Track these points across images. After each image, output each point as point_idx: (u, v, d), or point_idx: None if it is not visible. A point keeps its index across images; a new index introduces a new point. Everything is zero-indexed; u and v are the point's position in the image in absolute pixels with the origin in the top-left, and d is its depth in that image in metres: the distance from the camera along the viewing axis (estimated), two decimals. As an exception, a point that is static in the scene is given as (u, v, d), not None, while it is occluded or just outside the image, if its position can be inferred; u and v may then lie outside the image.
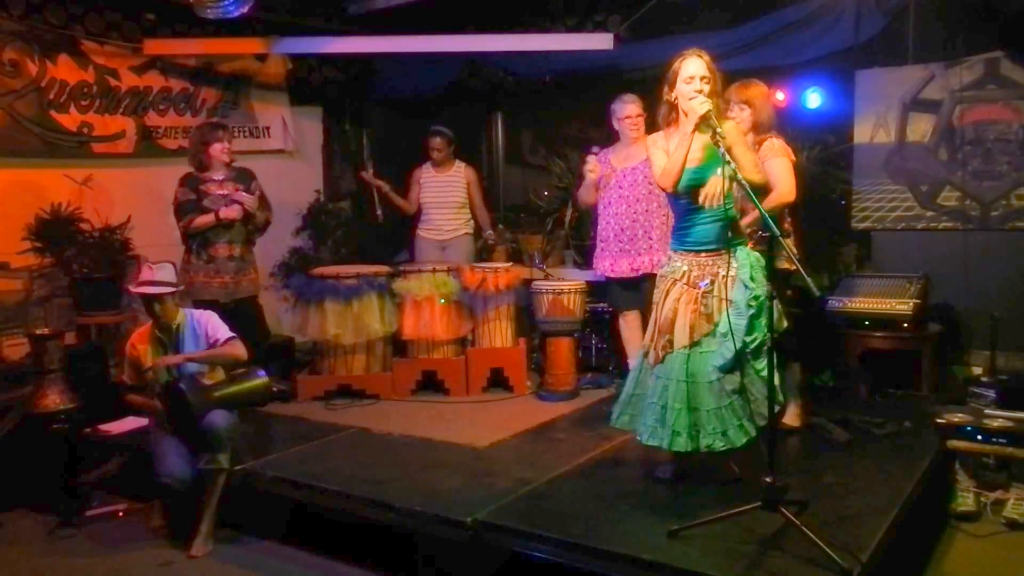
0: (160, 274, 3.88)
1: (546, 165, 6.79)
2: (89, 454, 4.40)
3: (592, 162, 4.92)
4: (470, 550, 3.20)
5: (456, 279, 5.24)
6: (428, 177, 6.05)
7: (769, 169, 3.73)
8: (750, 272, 3.24)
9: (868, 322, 4.83)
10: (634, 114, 4.87)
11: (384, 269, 5.34)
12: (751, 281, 3.22)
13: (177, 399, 3.75)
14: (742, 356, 3.22)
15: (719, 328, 3.25)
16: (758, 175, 3.34)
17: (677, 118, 3.38)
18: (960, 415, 3.93)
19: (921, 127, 5.22)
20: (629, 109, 4.89)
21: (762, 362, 3.11)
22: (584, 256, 5.91)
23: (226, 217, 4.92)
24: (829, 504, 3.23)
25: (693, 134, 3.24)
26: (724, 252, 3.29)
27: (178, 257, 4.94)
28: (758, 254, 3.31)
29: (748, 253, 3.32)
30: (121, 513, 4.17)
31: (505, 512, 3.27)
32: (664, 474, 3.56)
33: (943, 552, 3.52)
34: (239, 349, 3.95)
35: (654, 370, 3.39)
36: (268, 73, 6.76)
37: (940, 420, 3.93)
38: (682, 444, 3.26)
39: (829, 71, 5.31)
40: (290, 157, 6.99)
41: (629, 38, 5.88)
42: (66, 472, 4.25)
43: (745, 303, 3.21)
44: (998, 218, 5.01)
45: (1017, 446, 3.74)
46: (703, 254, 3.34)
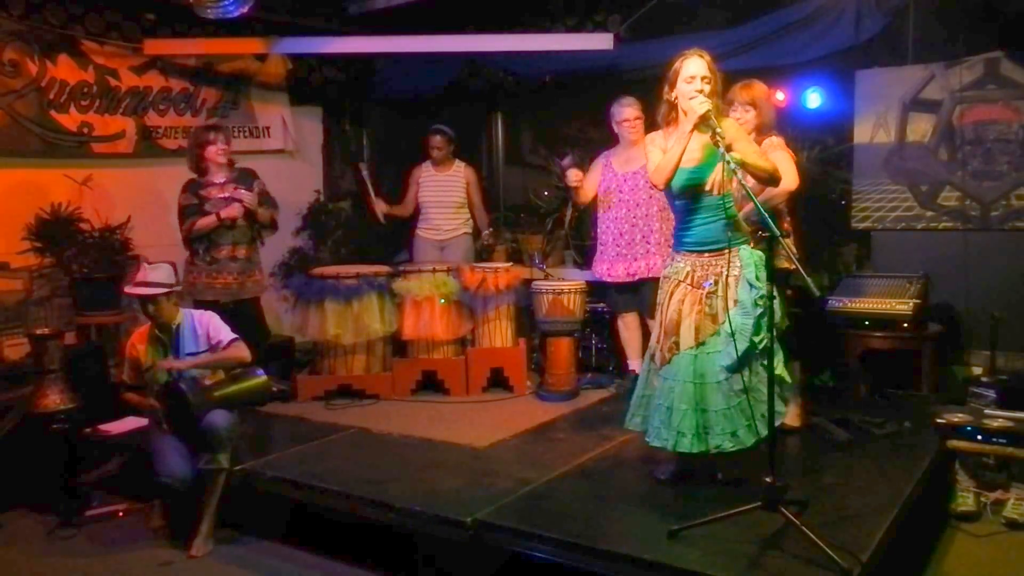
0: (154, 275, 3.86)
1: (546, 165, 6.77)
2: (89, 454, 4.40)
3: (572, 173, 4.95)
4: (470, 550, 3.20)
5: (456, 279, 5.23)
6: (427, 176, 6.05)
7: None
8: (755, 271, 3.23)
9: (868, 322, 4.82)
10: (632, 117, 4.88)
11: (384, 269, 5.33)
12: (756, 280, 3.21)
13: (177, 399, 3.75)
14: (750, 356, 3.21)
15: (724, 328, 3.23)
16: (765, 161, 3.34)
17: (677, 117, 3.37)
18: (960, 415, 3.93)
19: (921, 127, 5.22)
20: (627, 112, 4.90)
21: (773, 360, 3.10)
22: (584, 256, 5.91)
23: (227, 217, 4.92)
24: (829, 504, 3.23)
25: (691, 133, 3.23)
26: (726, 252, 3.28)
27: (179, 257, 4.95)
28: (761, 253, 3.30)
29: (751, 252, 3.31)
30: (121, 513, 4.17)
31: (505, 512, 3.27)
32: (664, 474, 3.56)
33: (943, 552, 3.52)
34: (243, 351, 3.95)
35: (660, 372, 3.38)
36: (268, 73, 6.76)
37: (940, 420, 3.92)
38: (687, 445, 3.25)
39: (829, 71, 5.31)
40: (290, 157, 6.98)
41: (629, 38, 5.87)
42: (66, 472, 4.25)
43: (752, 302, 3.19)
44: (998, 218, 5.01)
45: (1017, 446, 3.74)
46: (706, 254, 3.34)
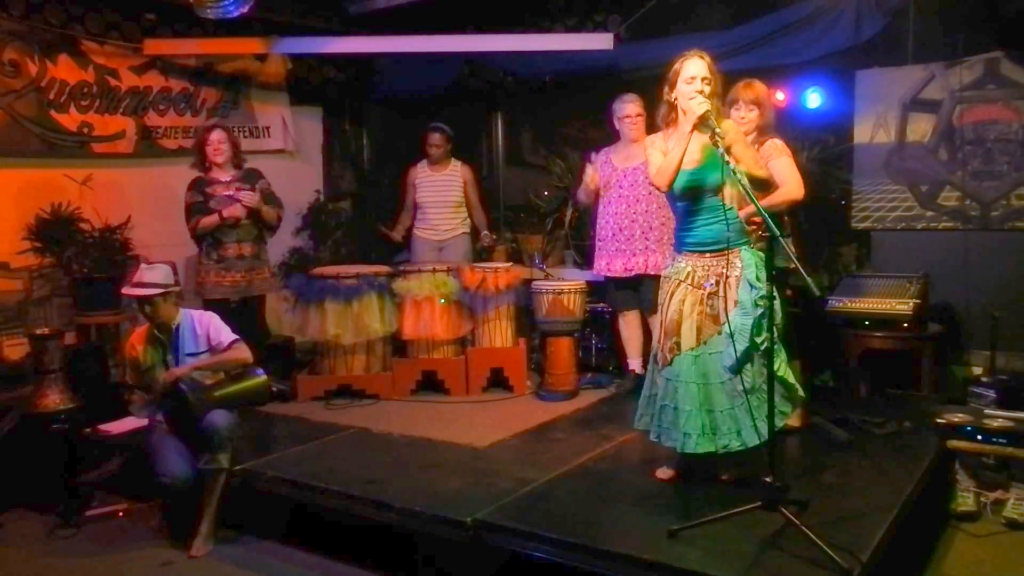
0: (150, 275, 3.83)
1: (546, 165, 6.78)
2: (89, 454, 4.40)
3: (591, 172, 4.98)
4: (470, 550, 3.20)
5: (456, 279, 5.23)
6: (424, 176, 6.05)
7: (774, 168, 3.71)
8: (755, 272, 3.23)
9: (868, 322, 4.82)
10: (634, 113, 4.89)
11: (384, 269, 5.34)
12: (757, 281, 3.20)
13: (177, 399, 3.75)
14: (753, 356, 3.20)
15: (726, 328, 3.23)
16: (761, 170, 3.34)
17: (677, 118, 3.36)
18: (960, 415, 3.93)
19: (921, 127, 5.22)
20: (629, 108, 4.91)
21: (775, 361, 3.10)
22: (584, 256, 5.91)
23: (230, 216, 4.96)
24: (829, 504, 3.23)
25: (691, 134, 3.23)
26: (727, 252, 3.28)
27: (180, 257, 4.96)
28: (761, 254, 3.29)
29: (753, 253, 3.31)
30: (121, 513, 4.16)
31: (505, 512, 3.27)
32: (664, 474, 3.56)
33: (943, 552, 3.52)
34: (244, 352, 3.95)
35: (662, 372, 3.38)
36: (268, 73, 6.76)
37: (940, 420, 3.92)
38: (693, 445, 3.25)
39: (829, 71, 5.31)
40: (290, 157, 6.98)
41: (629, 38, 5.87)
42: (66, 472, 4.25)
43: (752, 303, 3.19)
44: (998, 218, 5.01)
45: (1017, 446, 3.74)
46: (707, 255, 3.33)
